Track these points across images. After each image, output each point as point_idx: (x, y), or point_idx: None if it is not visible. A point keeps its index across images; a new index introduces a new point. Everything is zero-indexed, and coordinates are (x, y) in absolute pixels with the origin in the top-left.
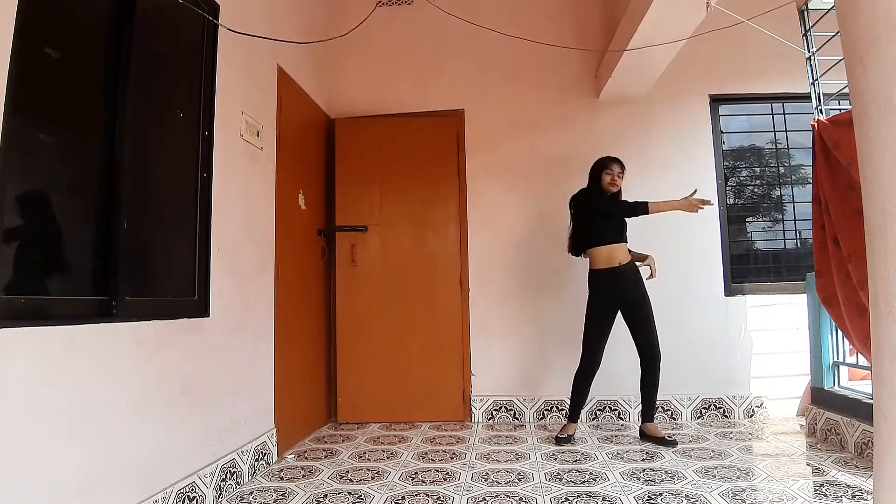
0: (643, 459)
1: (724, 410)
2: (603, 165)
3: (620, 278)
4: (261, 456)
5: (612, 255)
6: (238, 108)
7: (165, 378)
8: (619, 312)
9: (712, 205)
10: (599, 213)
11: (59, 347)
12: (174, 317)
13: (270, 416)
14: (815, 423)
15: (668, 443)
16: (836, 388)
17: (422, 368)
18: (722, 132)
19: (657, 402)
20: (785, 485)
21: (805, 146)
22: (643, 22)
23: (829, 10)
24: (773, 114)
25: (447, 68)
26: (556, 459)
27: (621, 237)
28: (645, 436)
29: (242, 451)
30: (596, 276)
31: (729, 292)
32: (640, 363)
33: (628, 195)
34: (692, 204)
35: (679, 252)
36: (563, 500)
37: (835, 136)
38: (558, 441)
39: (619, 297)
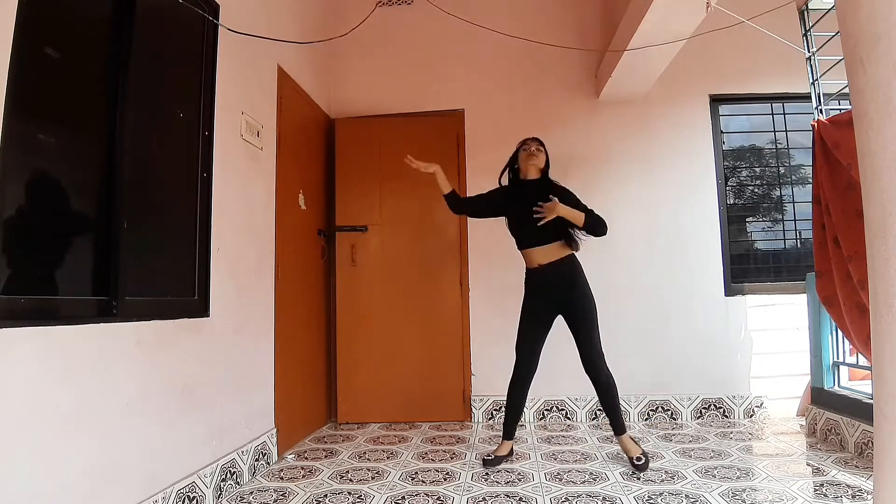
0: None
1: (724, 410)
2: (518, 148)
3: (555, 277)
4: (261, 456)
5: (544, 254)
6: (238, 108)
7: (165, 378)
8: (562, 317)
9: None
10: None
11: (60, 347)
12: (174, 317)
13: (270, 416)
14: (815, 423)
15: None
16: (836, 388)
17: (422, 368)
18: (722, 132)
19: (622, 412)
20: (785, 485)
21: (805, 146)
22: (643, 22)
23: (829, 10)
24: (773, 114)
25: (447, 68)
26: (556, 459)
27: (553, 237)
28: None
29: (242, 451)
30: (529, 276)
31: (729, 292)
32: (590, 378)
33: (629, 195)
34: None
35: (679, 252)
36: (563, 500)
37: (835, 136)
38: (485, 463)
39: (554, 297)
